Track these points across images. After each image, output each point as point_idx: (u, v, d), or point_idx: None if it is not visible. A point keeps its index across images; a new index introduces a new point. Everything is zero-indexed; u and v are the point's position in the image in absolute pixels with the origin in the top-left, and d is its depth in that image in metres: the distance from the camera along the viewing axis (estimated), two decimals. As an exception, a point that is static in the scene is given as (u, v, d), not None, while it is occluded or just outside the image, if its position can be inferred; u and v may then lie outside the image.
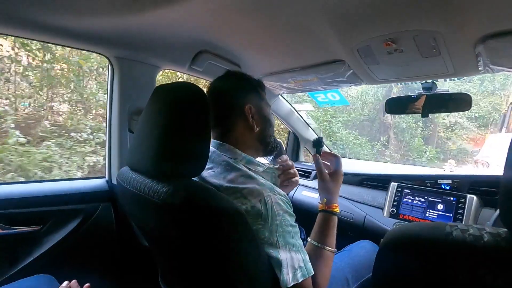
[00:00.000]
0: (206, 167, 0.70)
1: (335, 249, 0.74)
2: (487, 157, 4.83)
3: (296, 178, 0.91)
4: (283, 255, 0.60)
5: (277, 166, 0.89)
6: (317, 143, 1.01)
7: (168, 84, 0.66)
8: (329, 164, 0.86)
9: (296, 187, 1.78)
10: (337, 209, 0.78)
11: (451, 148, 7.66)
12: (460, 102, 1.08)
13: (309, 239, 0.75)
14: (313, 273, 0.63)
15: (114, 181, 1.04)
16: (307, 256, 0.64)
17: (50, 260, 1.00)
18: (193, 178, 0.63)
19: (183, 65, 1.16)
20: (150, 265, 1.03)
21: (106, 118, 1.15)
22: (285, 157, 0.92)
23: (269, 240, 0.60)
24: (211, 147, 0.74)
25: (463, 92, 1.14)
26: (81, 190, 1.10)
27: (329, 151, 0.91)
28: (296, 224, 0.66)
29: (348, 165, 1.64)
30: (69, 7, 0.76)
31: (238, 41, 1.02)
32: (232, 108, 0.76)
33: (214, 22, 0.86)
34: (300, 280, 0.59)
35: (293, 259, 0.60)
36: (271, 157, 0.91)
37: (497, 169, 4.39)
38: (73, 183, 1.14)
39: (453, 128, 7.80)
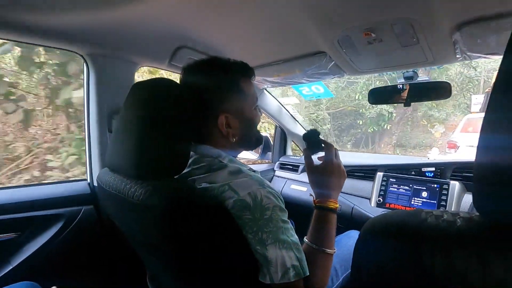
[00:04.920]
0: (188, 169, 0.67)
1: (333, 250, 0.67)
2: (457, 140, 4.99)
3: None
4: (271, 253, 0.55)
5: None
6: (308, 137, 0.82)
7: (145, 81, 0.64)
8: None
9: (284, 182, 1.79)
10: (331, 205, 0.71)
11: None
12: (440, 90, 1.10)
13: (305, 239, 0.70)
14: (308, 274, 0.58)
15: (96, 184, 1.02)
16: (303, 255, 0.59)
17: (32, 267, 0.97)
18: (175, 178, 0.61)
19: (162, 61, 1.12)
20: (137, 268, 1.01)
21: (84, 118, 1.11)
22: None
23: (256, 235, 0.56)
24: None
25: (442, 80, 1.16)
26: (61, 194, 1.06)
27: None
28: (288, 220, 0.61)
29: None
30: (37, 2, 0.71)
31: (218, 36, 0.99)
32: (203, 113, 0.67)
33: (191, 16, 0.84)
34: (292, 280, 0.55)
35: (284, 257, 0.55)
36: (259, 150, 0.87)
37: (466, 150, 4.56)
38: (52, 187, 1.10)
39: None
